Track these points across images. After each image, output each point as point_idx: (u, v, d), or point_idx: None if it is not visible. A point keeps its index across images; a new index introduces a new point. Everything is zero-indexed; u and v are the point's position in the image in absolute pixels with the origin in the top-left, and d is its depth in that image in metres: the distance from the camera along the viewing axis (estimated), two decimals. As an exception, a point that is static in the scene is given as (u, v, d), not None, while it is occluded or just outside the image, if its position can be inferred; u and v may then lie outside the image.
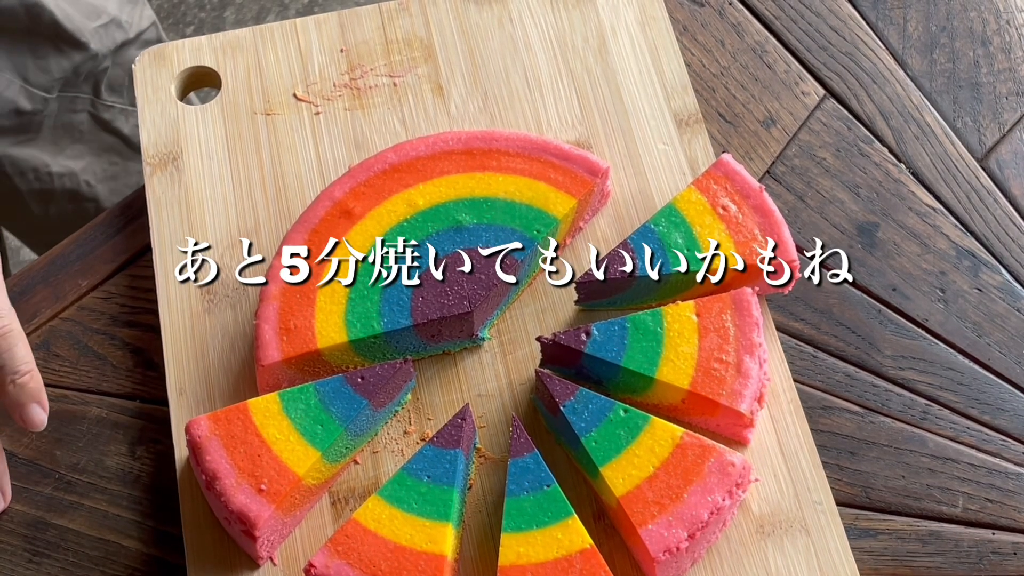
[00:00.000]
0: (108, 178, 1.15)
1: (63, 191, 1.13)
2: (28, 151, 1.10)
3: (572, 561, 0.68)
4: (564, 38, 0.87)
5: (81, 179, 1.13)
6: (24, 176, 1.11)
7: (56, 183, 1.12)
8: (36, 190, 1.12)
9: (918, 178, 0.86)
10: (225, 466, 0.70)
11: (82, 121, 1.11)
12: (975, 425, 0.78)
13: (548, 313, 0.79)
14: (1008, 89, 0.88)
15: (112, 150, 1.15)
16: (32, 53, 1.05)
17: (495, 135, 0.80)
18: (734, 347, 0.73)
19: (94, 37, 1.07)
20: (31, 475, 0.77)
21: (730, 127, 0.87)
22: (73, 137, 1.12)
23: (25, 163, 1.10)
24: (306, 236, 0.77)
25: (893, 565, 0.75)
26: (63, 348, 0.80)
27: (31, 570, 0.74)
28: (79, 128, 1.12)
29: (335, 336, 0.74)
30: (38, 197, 1.13)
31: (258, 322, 0.75)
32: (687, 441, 0.71)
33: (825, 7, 0.91)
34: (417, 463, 0.71)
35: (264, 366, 0.74)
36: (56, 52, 1.06)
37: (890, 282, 0.82)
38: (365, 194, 0.78)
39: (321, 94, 0.85)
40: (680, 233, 0.77)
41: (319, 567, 0.68)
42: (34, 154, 1.11)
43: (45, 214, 1.14)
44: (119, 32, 1.10)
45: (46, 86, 1.07)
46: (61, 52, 1.06)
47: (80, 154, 1.13)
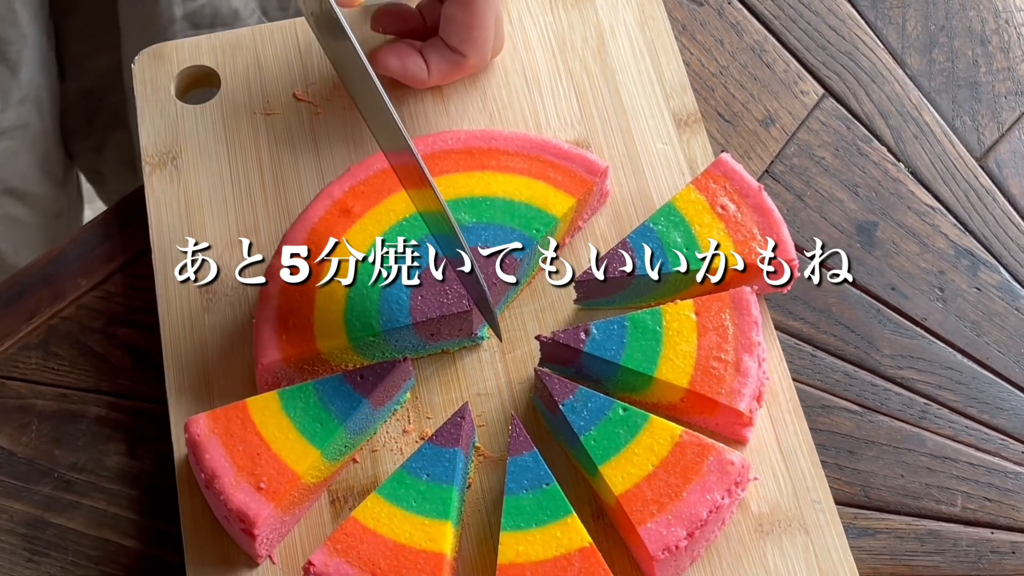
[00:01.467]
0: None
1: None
2: None
3: (571, 559, 0.68)
4: (563, 38, 0.87)
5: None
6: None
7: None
8: None
9: (917, 177, 0.86)
10: (224, 464, 0.70)
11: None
12: (974, 424, 0.78)
13: (547, 312, 0.79)
14: (1007, 88, 0.88)
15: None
16: None
17: (494, 134, 0.80)
18: (733, 346, 0.73)
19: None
20: (30, 474, 0.77)
21: (729, 126, 0.87)
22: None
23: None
24: (305, 235, 0.77)
25: (892, 564, 0.75)
26: (62, 347, 0.80)
27: (30, 569, 0.74)
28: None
29: (334, 335, 0.74)
30: None
31: (257, 321, 0.75)
32: (686, 440, 0.71)
33: (824, 6, 0.91)
34: (416, 461, 0.71)
35: (263, 365, 0.74)
36: None
37: (889, 281, 0.82)
38: (364, 193, 0.78)
39: (320, 94, 0.85)
40: (679, 232, 0.77)
41: (318, 565, 0.68)
42: None
43: None
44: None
45: None
46: None
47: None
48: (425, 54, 0.81)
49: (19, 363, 0.80)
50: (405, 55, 0.81)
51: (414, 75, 0.81)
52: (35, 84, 1.01)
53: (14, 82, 0.99)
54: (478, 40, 0.80)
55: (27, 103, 1.02)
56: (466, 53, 0.81)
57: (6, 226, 1.10)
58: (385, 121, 0.71)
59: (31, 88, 1.01)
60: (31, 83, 1.01)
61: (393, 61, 0.81)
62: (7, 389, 0.79)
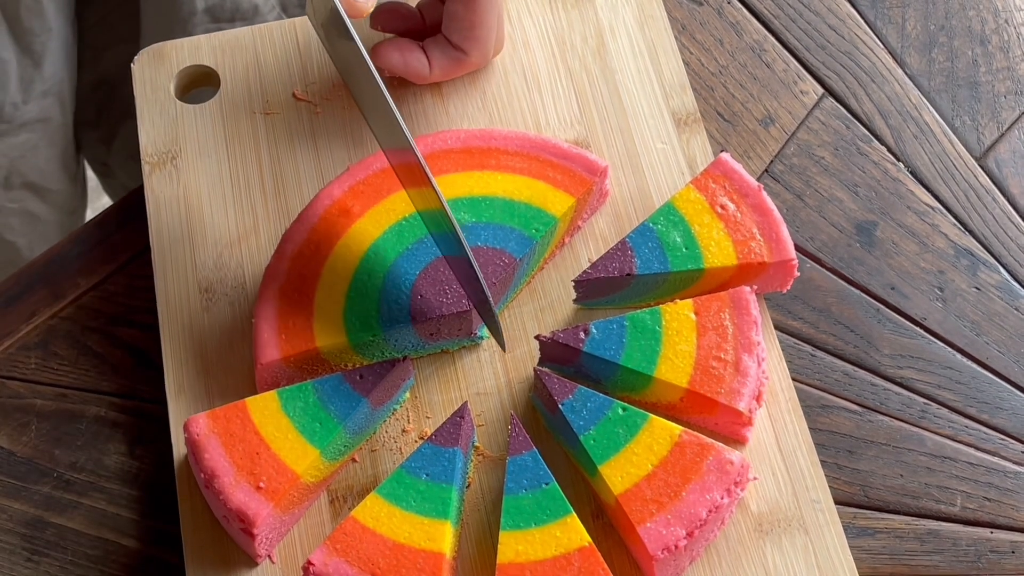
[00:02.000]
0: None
1: None
2: None
3: (570, 559, 0.68)
4: (563, 37, 0.87)
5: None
6: None
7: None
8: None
9: (917, 177, 0.86)
10: (223, 464, 0.70)
11: None
12: (973, 424, 0.78)
13: (547, 311, 0.79)
14: (1007, 88, 0.88)
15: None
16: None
17: (494, 134, 0.80)
18: (732, 346, 0.73)
19: None
20: (30, 474, 0.77)
21: (729, 126, 0.87)
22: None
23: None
24: (305, 234, 0.77)
25: (891, 564, 0.75)
26: (62, 347, 0.80)
27: (30, 569, 0.74)
28: None
29: (334, 335, 0.74)
30: None
31: (256, 320, 0.75)
32: (685, 439, 0.71)
33: (824, 6, 0.91)
34: (416, 461, 0.71)
35: (263, 364, 0.74)
36: None
37: (888, 281, 0.82)
38: (364, 193, 0.78)
39: (320, 93, 0.85)
40: (679, 232, 0.77)
41: (318, 565, 0.68)
42: None
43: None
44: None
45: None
46: None
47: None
48: (427, 50, 0.81)
49: (19, 363, 0.80)
50: (407, 50, 0.81)
51: (416, 70, 0.81)
52: (58, 78, 1.01)
53: (37, 74, 0.98)
54: (480, 38, 0.80)
55: (49, 96, 1.01)
56: (468, 50, 0.81)
57: (24, 221, 1.09)
58: (387, 119, 0.71)
59: (54, 81, 1.00)
60: (54, 76, 1.00)
61: (395, 56, 0.81)
62: (7, 389, 0.79)
